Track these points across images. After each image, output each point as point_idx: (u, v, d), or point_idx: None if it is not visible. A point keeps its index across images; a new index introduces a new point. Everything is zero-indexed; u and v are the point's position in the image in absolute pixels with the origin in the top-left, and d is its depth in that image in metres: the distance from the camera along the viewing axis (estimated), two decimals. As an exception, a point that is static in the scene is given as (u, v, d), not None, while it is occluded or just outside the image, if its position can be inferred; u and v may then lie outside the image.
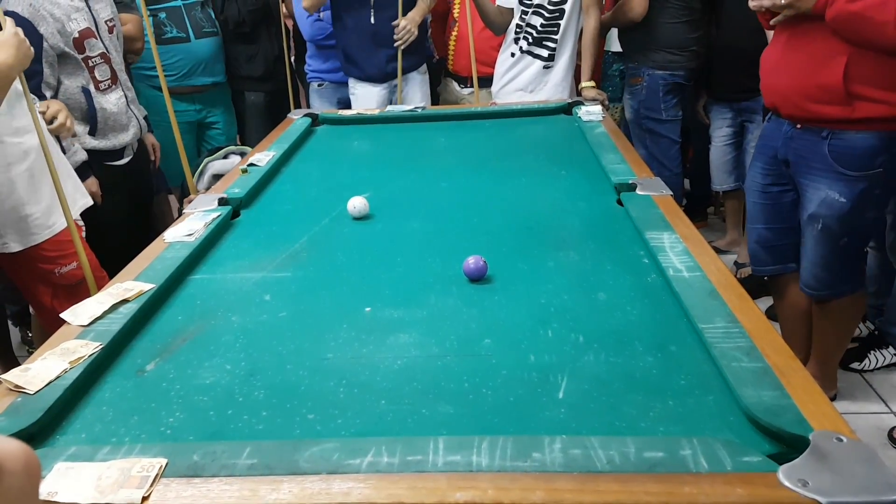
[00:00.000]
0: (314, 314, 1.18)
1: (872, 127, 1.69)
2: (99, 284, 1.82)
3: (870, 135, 1.70)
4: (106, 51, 2.24)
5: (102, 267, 2.06)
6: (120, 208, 2.33)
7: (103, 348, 1.03)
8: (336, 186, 1.78)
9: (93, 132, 2.24)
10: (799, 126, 1.81)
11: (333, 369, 1.01)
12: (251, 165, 1.90)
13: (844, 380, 2.26)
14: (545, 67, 2.64)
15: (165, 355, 1.07)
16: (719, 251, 3.19)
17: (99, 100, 2.22)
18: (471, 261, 1.24)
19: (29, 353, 1.04)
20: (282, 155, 2.01)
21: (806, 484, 0.69)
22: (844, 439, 0.75)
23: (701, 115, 3.09)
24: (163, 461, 0.78)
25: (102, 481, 0.75)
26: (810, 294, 1.91)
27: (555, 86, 2.65)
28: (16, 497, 0.38)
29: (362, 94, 2.98)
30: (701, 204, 3.57)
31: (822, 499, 0.68)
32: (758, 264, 2.10)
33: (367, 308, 1.18)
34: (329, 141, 2.29)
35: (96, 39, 2.19)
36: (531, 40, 2.62)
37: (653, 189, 1.55)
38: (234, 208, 1.65)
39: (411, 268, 1.34)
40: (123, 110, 2.31)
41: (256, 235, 1.54)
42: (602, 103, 2.44)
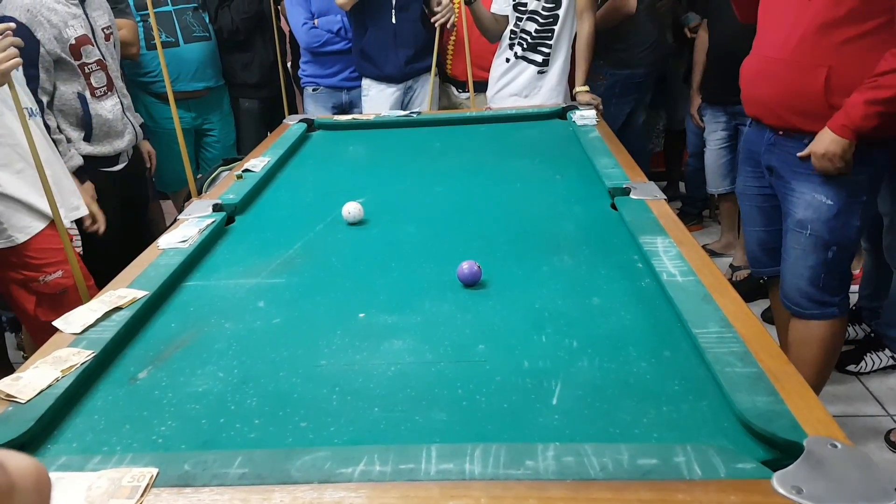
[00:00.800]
0: (308, 320, 1.17)
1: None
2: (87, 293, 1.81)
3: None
4: (102, 58, 2.24)
5: (96, 273, 2.05)
6: (114, 215, 2.32)
7: (95, 356, 1.03)
8: (331, 192, 1.78)
9: (88, 138, 2.23)
10: (781, 133, 1.80)
11: (327, 376, 1.00)
12: (246, 171, 1.90)
13: (841, 382, 2.26)
14: (540, 73, 2.64)
15: (158, 363, 1.06)
16: (715, 254, 3.19)
17: (94, 106, 2.22)
18: (465, 266, 1.24)
19: (24, 359, 1.03)
20: (277, 161, 2.01)
21: (800, 491, 0.69)
22: (839, 445, 0.75)
23: (696, 119, 3.10)
24: (154, 471, 0.77)
25: (93, 492, 0.74)
26: (794, 311, 1.85)
27: (549, 91, 2.65)
28: None
29: (376, 95, 2.98)
30: (696, 207, 3.58)
31: (816, 506, 0.68)
32: (757, 266, 2.09)
33: (361, 314, 1.18)
34: (324, 146, 2.28)
35: (93, 46, 2.19)
36: (526, 46, 2.63)
37: (647, 193, 1.55)
38: (229, 214, 1.64)
39: (406, 273, 1.33)
40: (119, 117, 2.31)
41: (251, 241, 1.53)
42: (596, 107, 2.44)
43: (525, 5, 2.59)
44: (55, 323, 1.12)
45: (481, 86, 2.92)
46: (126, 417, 0.93)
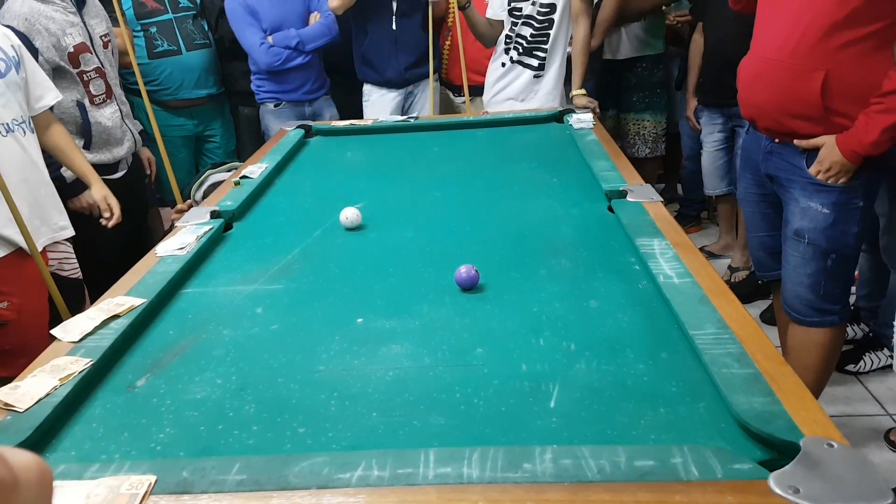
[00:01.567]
0: (306, 326, 1.17)
1: None
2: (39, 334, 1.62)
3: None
4: (101, 65, 2.24)
5: (95, 281, 2.05)
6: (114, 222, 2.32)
7: (94, 364, 1.03)
8: (329, 197, 1.78)
9: (87, 146, 2.24)
10: (777, 141, 1.79)
11: (325, 382, 1.00)
12: (244, 178, 1.90)
13: (840, 382, 2.26)
14: (536, 77, 2.65)
15: (156, 370, 1.06)
16: (713, 255, 3.20)
17: (94, 114, 2.22)
18: (462, 270, 1.24)
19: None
20: (274, 167, 2.01)
21: (797, 491, 0.69)
22: (835, 445, 0.75)
23: (692, 122, 3.11)
24: (152, 478, 0.77)
25: (91, 500, 0.74)
26: (794, 318, 1.85)
27: (545, 94, 2.66)
28: None
29: (377, 100, 2.99)
30: (694, 209, 3.59)
31: (813, 505, 0.68)
32: (763, 270, 2.08)
33: (359, 319, 1.18)
34: (322, 152, 2.29)
35: (91, 54, 2.20)
36: (521, 50, 2.64)
37: (643, 196, 1.56)
38: (227, 221, 1.65)
39: (403, 278, 1.34)
40: (118, 124, 2.32)
41: (249, 248, 1.54)
42: (593, 111, 2.45)
43: (520, 10, 2.60)
44: (53, 331, 1.12)
45: (477, 90, 2.92)
46: (124, 425, 0.93)
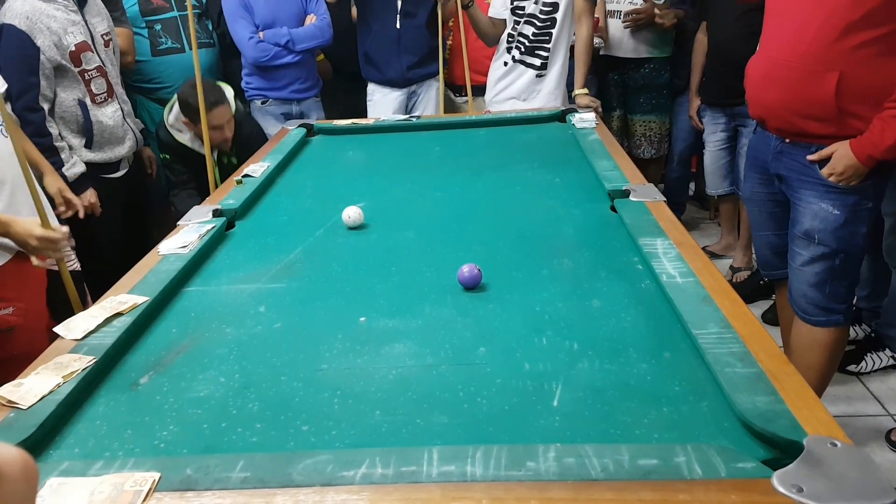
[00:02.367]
0: (308, 325, 1.18)
1: None
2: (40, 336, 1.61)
3: None
4: (102, 64, 2.24)
5: (98, 279, 2.05)
6: (116, 221, 2.33)
7: (97, 362, 1.03)
8: (331, 196, 1.78)
9: (89, 145, 2.24)
10: (787, 140, 1.78)
11: (328, 380, 1.01)
12: (246, 176, 1.90)
13: (841, 383, 2.26)
14: (538, 76, 2.65)
15: (159, 368, 1.06)
16: (714, 255, 3.19)
17: (95, 113, 2.22)
18: (465, 269, 1.25)
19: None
20: (276, 166, 2.01)
21: (801, 490, 0.69)
22: (839, 444, 0.75)
23: (695, 121, 3.10)
24: (156, 475, 0.77)
25: (95, 497, 0.74)
26: (805, 319, 1.85)
27: (548, 94, 2.66)
28: (14, 503, 0.38)
29: (380, 99, 2.99)
30: (679, 210, 3.58)
31: (817, 504, 0.68)
32: (768, 269, 2.07)
33: (362, 318, 1.18)
34: (324, 151, 2.29)
35: (92, 53, 2.20)
36: (524, 49, 2.64)
37: (646, 195, 1.56)
38: (229, 219, 1.65)
39: (406, 277, 1.34)
40: (120, 123, 2.32)
41: (251, 247, 1.54)
42: (595, 110, 2.44)
43: (522, 9, 2.60)
44: (56, 329, 1.13)
45: (478, 90, 2.92)
46: (128, 423, 0.93)
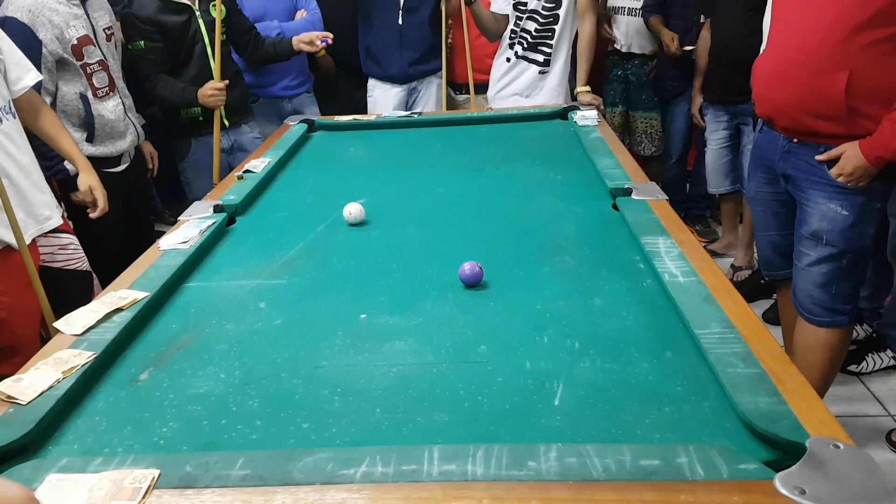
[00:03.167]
0: (309, 322, 1.17)
1: None
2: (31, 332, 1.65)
3: None
4: (104, 58, 2.24)
5: (98, 274, 2.05)
6: (116, 215, 2.32)
7: (97, 358, 1.03)
8: (332, 193, 1.78)
9: (90, 139, 2.24)
10: (796, 140, 1.76)
11: (328, 377, 1.00)
12: (247, 172, 1.89)
13: (842, 383, 2.25)
14: (541, 73, 2.64)
15: (159, 364, 1.06)
16: (715, 254, 3.19)
17: (97, 106, 2.22)
18: (466, 267, 1.24)
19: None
20: (278, 161, 2.01)
21: (803, 491, 0.69)
22: (841, 446, 0.75)
23: (697, 119, 3.10)
24: (155, 472, 0.77)
25: (94, 493, 0.74)
26: (809, 319, 1.84)
27: (550, 91, 2.66)
28: None
29: (381, 96, 2.99)
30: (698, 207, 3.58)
31: (819, 507, 0.67)
32: (770, 269, 2.06)
33: (363, 315, 1.18)
34: (325, 147, 2.28)
35: (94, 47, 2.19)
36: (526, 45, 2.63)
37: (648, 194, 1.55)
38: (230, 215, 1.64)
39: (407, 274, 1.33)
40: (121, 117, 2.31)
41: (252, 242, 1.53)
42: (598, 108, 2.44)
43: (525, 4, 2.59)
44: (56, 324, 1.12)
45: (479, 88, 2.92)
46: (127, 419, 0.93)
